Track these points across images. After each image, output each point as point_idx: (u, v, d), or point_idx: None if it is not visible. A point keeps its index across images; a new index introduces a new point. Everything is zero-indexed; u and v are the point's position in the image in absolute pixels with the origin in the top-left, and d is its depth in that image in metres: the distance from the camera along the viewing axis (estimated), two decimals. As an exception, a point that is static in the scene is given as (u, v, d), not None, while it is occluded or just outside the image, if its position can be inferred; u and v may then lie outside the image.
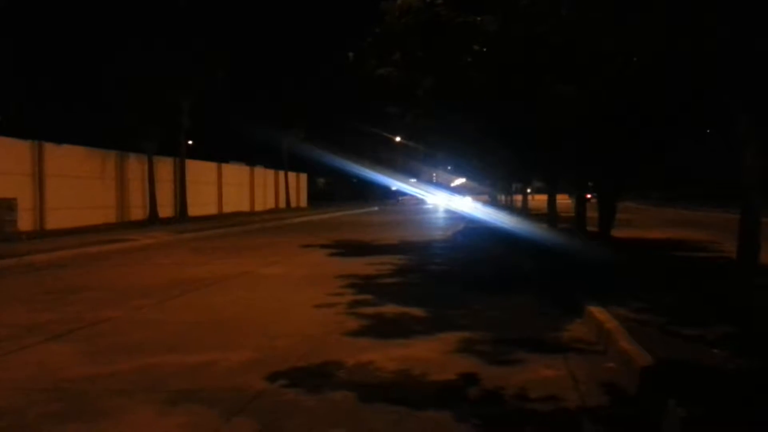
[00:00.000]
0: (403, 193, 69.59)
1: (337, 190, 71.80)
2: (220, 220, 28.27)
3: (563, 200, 28.25)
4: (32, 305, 7.90)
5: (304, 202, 53.40)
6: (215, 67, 26.38)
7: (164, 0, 23.84)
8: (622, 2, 7.19)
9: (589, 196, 16.48)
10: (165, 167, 28.67)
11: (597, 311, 6.17)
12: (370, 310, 7.30)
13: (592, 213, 15.21)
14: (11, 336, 6.17)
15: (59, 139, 21.85)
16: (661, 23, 6.62)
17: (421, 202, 64.12)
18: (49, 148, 21.14)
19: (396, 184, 63.18)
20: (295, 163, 48.47)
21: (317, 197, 61.71)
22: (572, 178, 17.08)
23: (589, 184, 15.71)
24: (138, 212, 26.35)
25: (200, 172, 32.77)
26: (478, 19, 9.64)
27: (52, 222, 20.69)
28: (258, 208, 41.50)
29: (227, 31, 27.71)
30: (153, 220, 25.44)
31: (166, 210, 27.82)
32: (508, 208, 39.51)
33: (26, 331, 6.39)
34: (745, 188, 6.25)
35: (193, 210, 28.90)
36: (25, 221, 19.01)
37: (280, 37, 46.65)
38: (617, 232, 14.16)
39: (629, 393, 4.27)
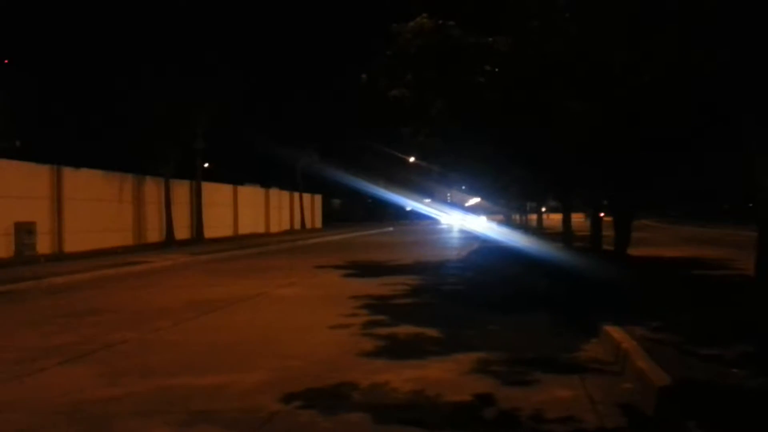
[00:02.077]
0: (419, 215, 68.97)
1: (351, 211, 71.83)
2: (236, 241, 28.42)
3: (578, 219, 28.09)
4: (49, 327, 7.96)
5: (318, 223, 53.51)
6: (229, 89, 26.65)
7: (178, 24, 24.23)
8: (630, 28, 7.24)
9: (602, 214, 16.39)
10: (181, 190, 28.92)
11: (613, 331, 6.11)
12: (384, 330, 7.29)
13: (607, 232, 15.11)
14: (29, 358, 6.22)
15: (77, 163, 22.14)
16: (665, 49, 6.66)
17: (435, 222, 63.97)
18: (68, 172, 21.42)
19: (410, 204, 63.16)
20: (310, 185, 48.67)
21: (332, 218, 61.80)
22: (586, 197, 17.02)
23: (604, 202, 15.63)
24: (155, 234, 26.55)
25: (216, 194, 33.01)
26: (490, 39, 9.72)
27: (71, 245, 20.90)
28: (273, 229, 41.65)
29: (241, 53, 28.12)
30: (170, 242, 25.62)
31: (182, 232, 28.01)
32: (523, 227, 39.34)
33: (43, 353, 6.44)
34: (760, 204, 6.19)
35: (209, 232, 29.08)
36: (43, 244, 19.23)
37: (293, 59, 47.04)
38: (633, 251, 14.04)
39: (647, 414, 4.22)
